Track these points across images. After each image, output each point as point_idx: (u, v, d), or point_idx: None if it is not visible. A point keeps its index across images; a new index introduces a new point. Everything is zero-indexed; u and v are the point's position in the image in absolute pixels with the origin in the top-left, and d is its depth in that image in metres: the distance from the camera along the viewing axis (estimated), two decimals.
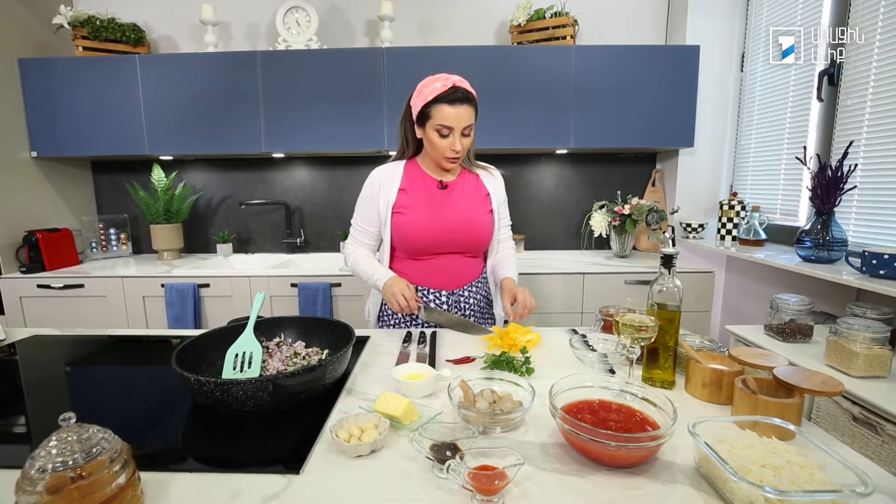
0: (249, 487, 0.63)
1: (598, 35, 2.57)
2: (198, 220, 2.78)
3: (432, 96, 1.19)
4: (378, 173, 1.36)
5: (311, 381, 0.83)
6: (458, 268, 1.35)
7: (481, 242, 1.37)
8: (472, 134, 1.28)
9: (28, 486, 0.50)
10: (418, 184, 1.34)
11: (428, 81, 1.22)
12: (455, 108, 1.19)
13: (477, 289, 1.39)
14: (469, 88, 1.22)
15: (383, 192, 1.33)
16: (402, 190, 1.32)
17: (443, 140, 1.23)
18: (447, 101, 1.19)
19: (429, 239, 1.31)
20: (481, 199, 1.37)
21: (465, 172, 1.39)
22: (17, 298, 2.20)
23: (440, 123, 1.21)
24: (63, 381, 1.05)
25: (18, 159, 2.32)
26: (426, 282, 1.35)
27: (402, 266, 1.38)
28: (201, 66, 2.30)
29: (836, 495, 0.53)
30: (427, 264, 1.34)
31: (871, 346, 1.14)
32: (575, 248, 2.75)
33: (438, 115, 1.20)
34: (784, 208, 2.09)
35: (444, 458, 0.62)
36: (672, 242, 2.36)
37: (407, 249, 1.35)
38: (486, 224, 1.35)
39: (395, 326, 1.40)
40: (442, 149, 1.24)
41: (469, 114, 1.21)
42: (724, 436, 0.66)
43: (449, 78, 1.21)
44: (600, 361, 1.03)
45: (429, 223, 1.30)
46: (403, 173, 1.34)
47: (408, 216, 1.31)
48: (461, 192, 1.35)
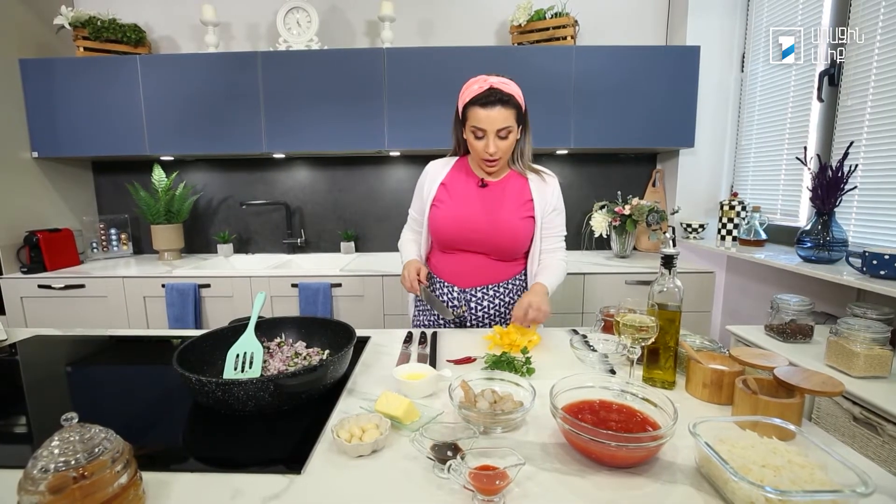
0: (250, 487, 0.63)
1: (598, 35, 2.57)
2: (198, 220, 2.78)
3: (468, 98, 1.20)
4: (430, 166, 1.42)
5: (312, 382, 0.83)
6: (479, 268, 1.34)
7: (509, 247, 1.32)
8: (514, 136, 1.24)
9: (30, 485, 0.51)
10: (460, 181, 1.36)
11: (469, 83, 1.23)
12: (487, 111, 1.18)
13: (496, 293, 1.36)
14: (508, 90, 1.20)
15: (428, 183, 1.38)
16: (444, 185, 1.36)
17: (478, 142, 1.23)
18: (480, 104, 1.18)
19: (454, 235, 1.32)
20: (521, 204, 1.32)
21: (514, 175, 1.36)
22: (18, 298, 2.21)
23: (474, 126, 1.21)
24: (64, 381, 1.05)
25: (19, 159, 2.32)
26: (445, 275, 1.38)
27: (433, 256, 1.44)
28: (202, 66, 2.30)
29: (836, 495, 0.53)
30: (452, 258, 1.37)
31: (872, 346, 1.14)
32: (575, 249, 2.75)
33: (473, 117, 1.20)
34: (784, 209, 2.09)
35: (445, 458, 0.62)
36: (672, 243, 2.37)
37: (437, 241, 1.39)
38: (518, 229, 1.31)
39: (422, 311, 1.45)
40: (478, 151, 1.24)
41: (504, 116, 1.18)
42: (725, 436, 0.66)
43: (487, 80, 1.20)
44: (601, 362, 1.03)
45: (456, 219, 1.31)
46: (451, 169, 1.38)
47: (441, 210, 1.34)
48: (501, 193, 1.33)
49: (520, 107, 1.23)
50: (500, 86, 1.19)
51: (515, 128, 1.23)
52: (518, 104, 1.22)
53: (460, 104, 1.26)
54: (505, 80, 1.22)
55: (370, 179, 2.72)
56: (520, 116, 1.24)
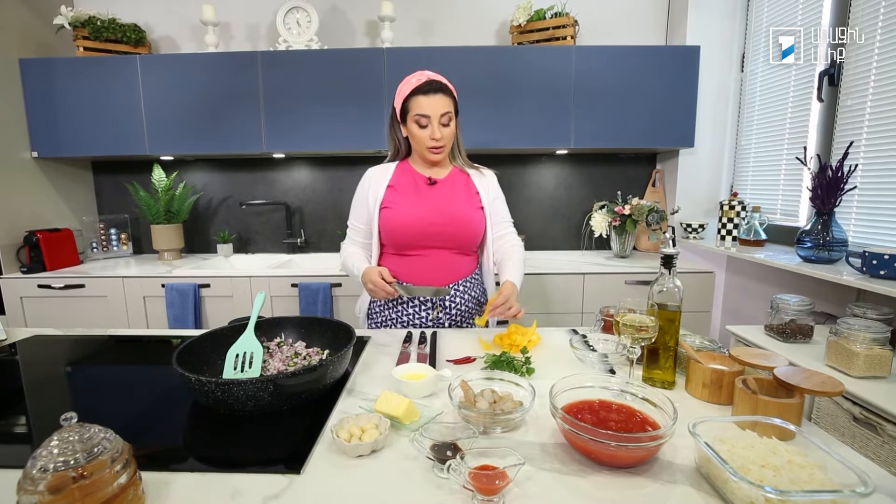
0: (250, 487, 0.63)
1: (598, 35, 2.57)
2: (198, 220, 2.78)
3: (409, 91, 1.27)
4: (370, 171, 1.42)
5: (311, 382, 0.83)
6: (445, 263, 1.35)
7: (470, 237, 1.36)
8: (454, 125, 1.32)
9: (30, 485, 0.51)
10: (407, 180, 1.38)
11: (405, 80, 1.31)
12: (430, 98, 1.25)
13: (465, 288, 1.38)
14: (444, 81, 1.29)
15: (373, 188, 1.38)
16: (391, 187, 1.37)
17: (423, 130, 1.29)
18: (422, 93, 1.26)
19: (414, 231, 1.32)
20: (470, 196, 1.39)
21: (457, 171, 1.42)
22: (18, 298, 2.21)
23: (417, 113, 1.27)
24: (64, 381, 1.05)
25: (19, 159, 2.32)
26: (412, 278, 1.35)
27: (389, 262, 1.39)
28: (202, 66, 2.30)
29: (836, 495, 0.53)
30: (413, 260, 1.35)
31: (872, 346, 1.14)
32: (575, 249, 2.75)
33: (415, 106, 1.27)
34: (784, 208, 2.09)
35: (445, 458, 0.62)
36: (672, 242, 2.37)
37: (394, 244, 1.36)
38: (475, 219, 1.36)
39: (382, 323, 1.40)
40: (423, 139, 1.29)
41: (444, 103, 1.27)
42: (725, 436, 0.66)
43: (423, 73, 1.29)
44: (600, 362, 1.03)
45: (415, 215, 1.32)
46: (394, 172, 1.39)
47: (394, 210, 1.33)
48: (450, 188, 1.38)
49: (455, 98, 1.32)
50: (437, 77, 1.29)
51: (454, 116, 1.32)
52: (453, 95, 1.31)
53: (399, 100, 1.31)
54: (436, 73, 1.31)
55: None
56: (456, 108, 1.32)
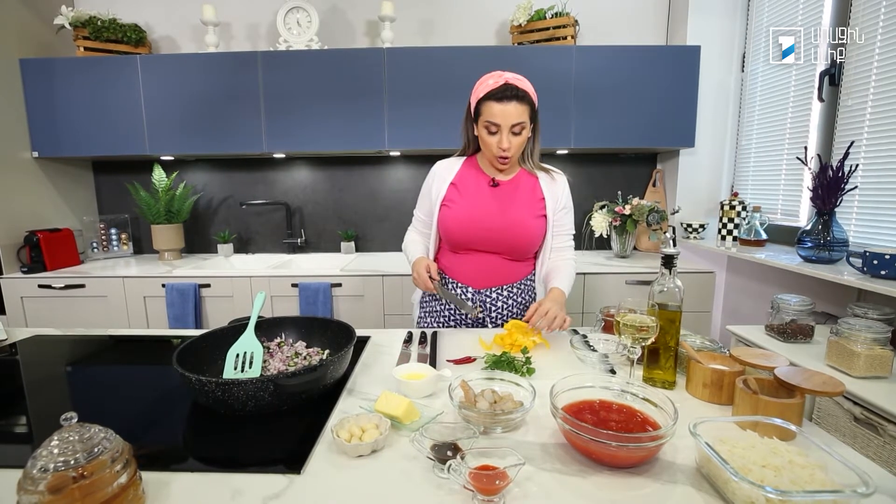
0: (250, 487, 0.63)
1: (598, 35, 2.57)
2: (199, 220, 2.78)
3: (483, 93, 1.20)
4: (438, 166, 1.39)
5: (312, 382, 0.83)
6: (494, 268, 1.33)
7: (523, 246, 1.32)
8: (527, 133, 1.25)
9: (30, 485, 0.51)
10: (470, 180, 1.35)
11: (483, 79, 1.23)
12: (503, 105, 1.18)
13: (510, 293, 1.36)
14: (523, 86, 1.21)
15: (436, 184, 1.36)
16: (454, 185, 1.34)
17: (491, 137, 1.23)
18: (495, 99, 1.18)
19: (467, 235, 1.31)
20: (534, 203, 1.33)
21: (524, 174, 1.36)
22: (19, 298, 2.21)
23: (488, 120, 1.21)
24: (64, 380, 1.05)
25: (20, 159, 2.32)
26: (459, 276, 1.36)
27: (442, 257, 1.41)
28: (202, 66, 2.30)
29: (837, 495, 0.53)
30: (464, 259, 1.35)
31: (873, 346, 1.14)
32: (576, 248, 2.75)
33: (487, 111, 1.20)
34: (785, 208, 2.08)
35: (445, 458, 0.62)
36: (673, 242, 2.36)
37: (448, 242, 1.37)
38: (532, 228, 1.31)
39: (429, 313, 1.43)
40: (491, 146, 1.24)
41: (519, 111, 1.19)
42: (725, 436, 0.66)
43: (503, 75, 1.21)
44: (601, 362, 1.03)
45: (469, 219, 1.30)
46: (460, 169, 1.37)
47: (452, 210, 1.32)
48: (513, 192, 1.33)
49: (533, 104, 1.24)
50: (516, 82, 1.20)
51: (528, 125, 1.24)
52: (532, 101, 1.23)
53: (473, 99, 1.25)
54: (519, 76, 1.23)
55: (370, 179, 2.72)
56: (533, 114, 1.25)
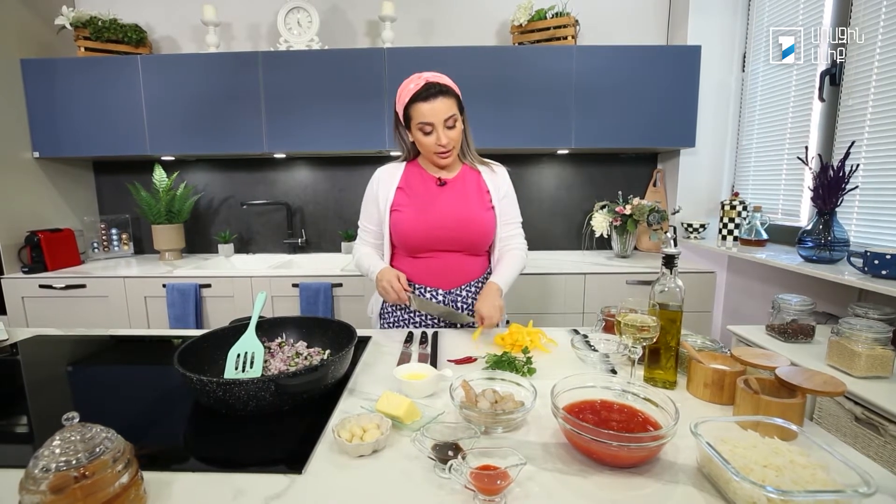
0: (252, 487, 0.63)
1: (599, 35, 2.57)
2: (199, 220, 2.78)
3: (408, 98, 1.22)
4: (379, 173, 1.39)
5: (313, 382, 0.83)
6: (456, 266, 1.34)
7: (479, 240, 1.34)
8: (461, 125, 1.27)
9: (32, 485, 0.51)
10: (417, 182, 1.35)
11: (403, 85, 1.25)
12: (431, 104, 1.20)
13: (476, 289, 1.37)
14: (444, 81, 1.22)
15: (382, 190, 1.35)
16: (401, 188, 1.34)
17: (428, 137, 1.24)
18: (422, 99, 1.20)
19: (424, 236, 1.31)
20: (481, 196, 1.35)
21: (467, 169, 1.38)
22: (20, 298, 2.21)
23: (420, 122, 1.22)
24: (65, 381, 1.05)
25: (21, 160, 2.32)
26: (424, 280, 1.34)
27: (401, 264, 1.38)
28: (203, 66, 2.30)
29: (838, 495, 0.53)
30: (425, 262, 1.34)
31: (874, 346, 1.14)
32: (576, 249, 2.75)
33: (417, 114, 1.22)
34: (785, 208, 2.08)
35: (446, 458, 0.62)
36: (674, 242, 2.36)
37: (405, 247, 1.35)
38: (485, 221, 1.33)
39: (394, 324, 1.40)
40: (429, 146, 1.25)
41: (447, 105, 1.21)
42: (727, 436, 0.66)
43: (421, 76, 1.22)
44: (602, 362, 1.03)
45: (424, 220, 1.30)
46: (403, 173, 1.37)
47: (404, 213, 1.32)
48: (460, 188, 1.35)
49: (458, 96, 1.25)
50: (436, 79, 1.22)
51: (459, 116, 1.25)
52: (456, 93, 1.24)
53: (399, 107, 1.26)
54: (438, 73, 1.24)
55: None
56: (460, 105, 1.26)
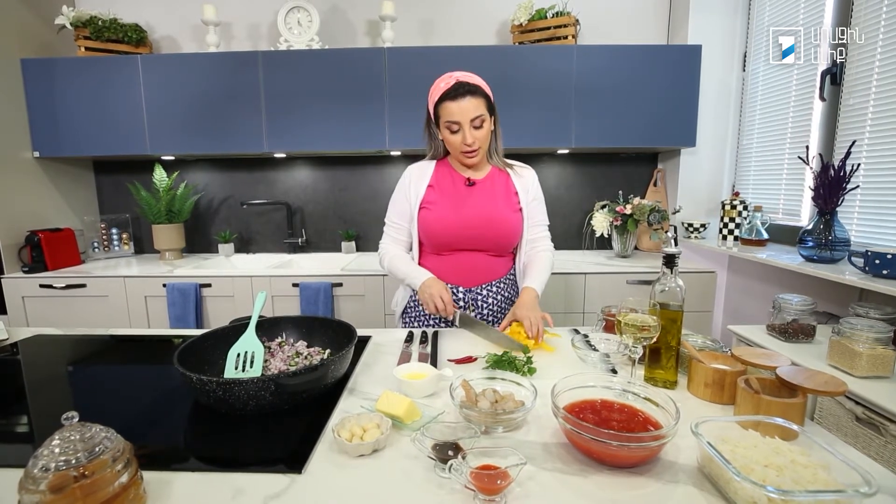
0: (251, 487, 0.63)
1: (599, 35, 2.57)
2: (199, 220, 2.78)
3: (438, 96, 1.24)
4: (412, 169, 1.40)
5: (312, 381, 0.83)
6: (480, 265, 1.35)
7: (505, 241, 1.35)
8: (489, 126, 1.27)
9: (31, 484, 0.51)
10: (447, 181, 1.36)
11: (435, 83, 1.27)
12: (459, 103, 1.21)
13: (498, 289, 1.37)
14: (475, 81, 1.23)
15: (413, 187, 1.36)
16: (431, 186, 1.36)
17: (455, 136, 1.25)
18: (450, 98, 1.21)
19: (451, 235, 1.32)
20: (509, 197, 1.36)
21: (496, 171, 1.38)
22: (20, 298, 2.21)
23: (448, 120, 1.24)
24: (65, 380, 1.05)
25: (21, 159, 2.32)
26: (447, 277, 1.35)
27: (425, 261, 1.40)
28: (203, 66, 2.30)
29: (839, 495, 0.53)
30: (449, 259, 1.35)
31: (875, 346, 1.14)
32: (577, 248, 2.75)
33: (445, 113, 1.23)
34: (786, 208, 2.08)
35: (447, 458, 0.62)
36: (674, 242, 2.36)
37: (431, 244, 1.37)
38: (512, 222, 1.34)
39: (416, 318, 1.41)
40: (456, 145, 1.26)
41: (475, 105, 1.21)
42: (727, 436, 0.66)
43: (452, 75, 1.24)
44: (602, 361, 1.03)
45: (452, 219, 1.31)
46: (434, 170, 1.38)
47: (433, 211, 1.33)
48: (489, 189, 1.35)
49: (488, 96, 1.26)
50: (466, 78, 1.23)
51: (488, 117, 1.26)
52: (486, 94, 1.25)
53: (430, 105, 1.28)
54: (469, 73, 1.25)
55: (371, 179, 2.72)
56: (490, 106, 1.27)
